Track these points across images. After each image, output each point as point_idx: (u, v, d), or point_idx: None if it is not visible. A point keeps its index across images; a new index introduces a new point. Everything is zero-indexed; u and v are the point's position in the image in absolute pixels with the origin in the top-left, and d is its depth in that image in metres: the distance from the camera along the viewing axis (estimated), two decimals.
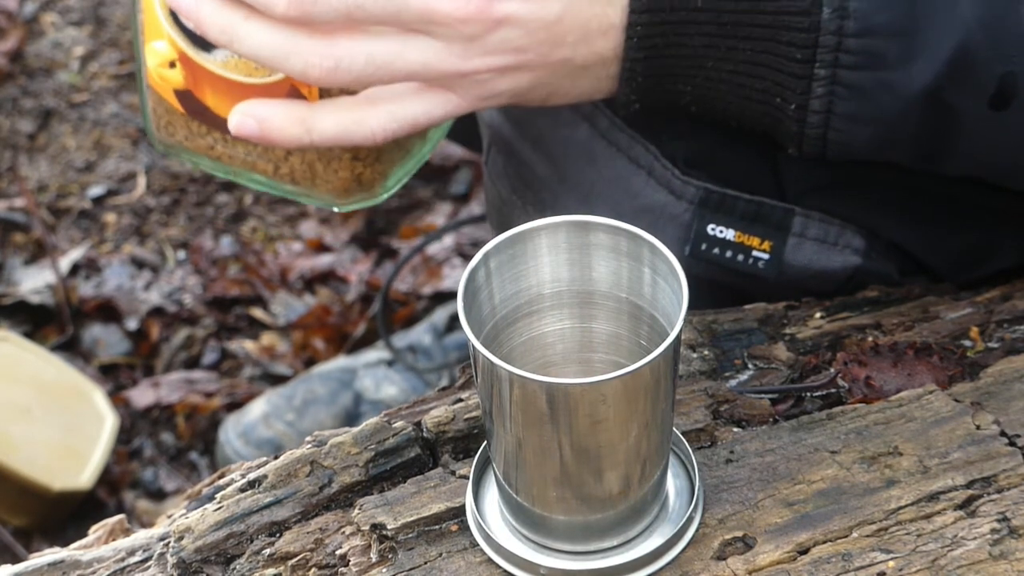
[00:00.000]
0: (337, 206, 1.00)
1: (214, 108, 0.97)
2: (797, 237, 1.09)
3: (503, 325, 0.89)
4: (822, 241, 1.09)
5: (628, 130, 1.09)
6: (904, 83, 0.96)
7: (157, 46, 0.97)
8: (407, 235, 2.08)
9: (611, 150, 1.10)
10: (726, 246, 1.08)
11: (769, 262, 1.09)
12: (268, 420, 1.77)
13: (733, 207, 1.08)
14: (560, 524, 0.89)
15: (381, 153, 0.99)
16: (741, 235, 1.08)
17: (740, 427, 0.98)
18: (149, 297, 2.01)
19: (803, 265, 1.09)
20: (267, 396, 1.81)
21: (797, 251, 1.09)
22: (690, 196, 1.08)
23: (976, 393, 0.99)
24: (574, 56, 0.96)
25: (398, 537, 0.92)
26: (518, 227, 0.87)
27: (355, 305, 2.00)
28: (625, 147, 1.10)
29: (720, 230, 1.08)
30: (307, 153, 0.98)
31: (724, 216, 1.08)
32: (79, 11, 2.41)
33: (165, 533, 0.97)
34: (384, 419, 0.99)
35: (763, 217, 1.08)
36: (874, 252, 1.10)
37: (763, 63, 0.97)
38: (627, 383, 0.81)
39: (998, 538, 0.89)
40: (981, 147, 1.01)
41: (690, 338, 1.04)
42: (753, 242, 1.08)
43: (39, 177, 2.17)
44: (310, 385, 1.81)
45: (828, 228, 1.09)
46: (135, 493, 1.82)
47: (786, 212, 1.08)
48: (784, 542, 0.90)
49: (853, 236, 1.10)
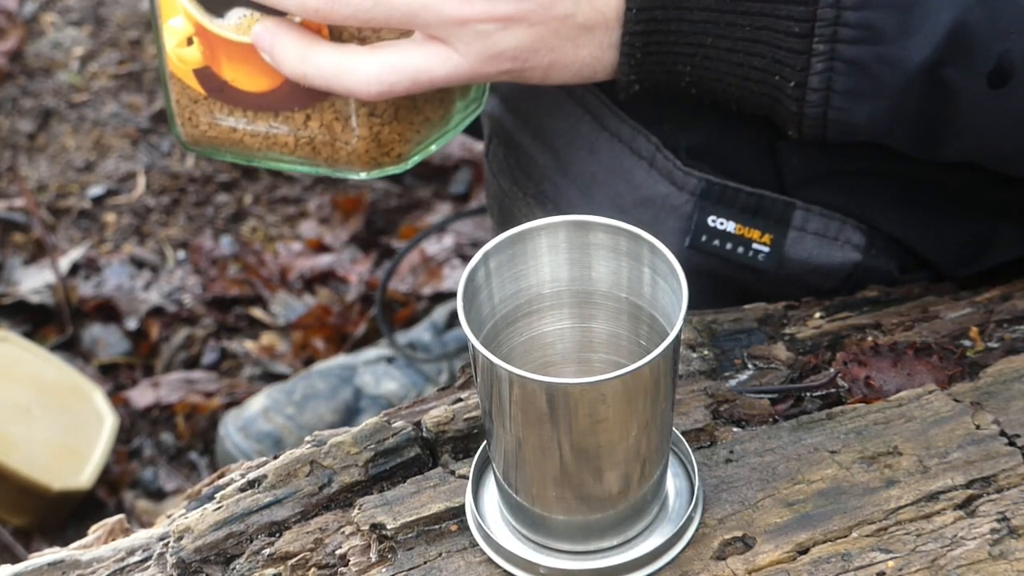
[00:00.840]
0: (363, 173, 1.02)
1: (232, 81, 1.00)
2: (798, 231, 1.09)
3: (503, 325, 0.89)
4: (822, 235, 1.09)
5: (630, 121, 1.09)
6: (902, 58, 0.96)
7: (174, 24, 1.00)
8: (407, 235, 2.08)
9: (613, 141, 1.10)
10: (726, 238, 1.08)
11: (769, 255, 1.09)
12: (268, 414, 1.77)
13: (734, 199, 1.08)
14: (560, 524, 0.89)
15: (398, 111, 1.00)
16: (742, 227, 1.08)
17: (740, 427, 0.98)
18: (149, 297, 2.01)
19: (803, 259, 1.09)
20: (267, 391, 1.81)
21: (797, 245, 1.09)
22: (691, 187, 1.08)
23: (976, 393, 0.99)
24: (576, 12, 0.96)
25: (398, 537, 0.92)
26: (518, 227, 0.87)
27: (355, 305, 2.00)
28: (627, 138, 1.10)
29: (721, 222, 1.08)
30: (324, 113, 0.99)
31: (725, 208, 1.08)
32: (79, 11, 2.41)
33: (165, 533, 0.97)
34: (384, 419, 0.99)
35: (764, 210, 1.08)
36: (874, 248, 1.10)
37: (762, 39, 0.97)
38: (627, 383, 0.81)
39: (998, 538, 0.89)
40: (979, 128, 1.01)
41: (690, 338, 1.04)
42: (754, 235, 1.09)
43: (39, 177, 2.17)
44: (310, 381, 1.81)
45: (829, 223, 1.09)
46: (135, 493, 1.82)
47: (787, 206, 1.08)
48: (784, 542, 0.90)
49: (853, 232, 1.10)
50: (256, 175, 2.18)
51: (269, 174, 2.19)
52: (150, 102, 2.28)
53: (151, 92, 2.29)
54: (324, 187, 2.16)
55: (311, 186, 2.17)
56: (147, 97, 2.29)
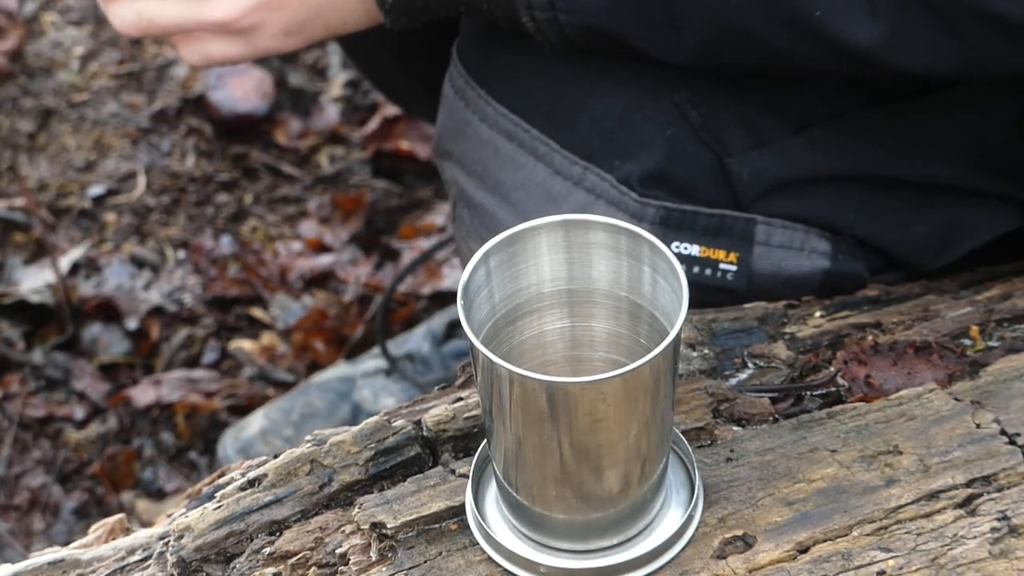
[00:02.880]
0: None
1: None
2: (762, 246, 1.09)
3: (503, 324, 0.89)
4: (788, 247, 1.10)
5: (580, 161, 1.10)
6: None
7: None
8: (407, 235, 2.08)
9: (567, 184, 1.11)
10: (692, 262, 1.09)
11: (737, 273, 1.09)
12: (266, 437, 1.77)
13: (694, 223, 1.08)
14: (560, 523, 0.88)
15: None
16: (706, 250, 1.09)
17: (740, 426, 0.98)
18: (149, 297, 2.01)
19: (772, 273, 1.09)
20: (265, 410, 1.80)
21: (764, 260, 1.09)
22: (651, 216, 1.08)
23: (976, 392, 0.99)
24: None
25: (398, 536, 0.92)
26: (517, 226, 0.87)
27: (353, 306, 2.00)
28: (580, 179, 1.10)
29: (685, 247, 1.09)
30: None
31: (687, 233, 1.08)
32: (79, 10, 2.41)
33: (165, 532, 0.97)
34: (384, 418, 0.99)
35: (726, 229, 1.08)
36: (840, 253, 1.11)
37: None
38: (627, 382, 0.81)
39: (998, 536, 0.89)
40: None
41: (690, 337, 1.04)
42: (719, 255, 1.09)
43: (39, 176, 2.17)
44: (308, 398, 1.80)
45: (792, 234, 1.10)
46: (135, 492, 1.82)
47: (748, 222, 1.09)
48: (784, 541, 0.90)
49: (818, 240, 1.10)
50: (256, 175, 2.18)
51: (269, 174, 2.18)
52: (150, 102, 2.28)
53: (151, 92, 2.29)
54: (324, 187, 2.16)
55: (311, 186, 2.17)
56: (147, 97, 2.29)
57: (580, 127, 1.10)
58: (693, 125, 1.08)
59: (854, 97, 1.10)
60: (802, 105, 1.10)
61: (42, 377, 1.91)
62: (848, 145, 1.10)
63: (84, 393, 1.89)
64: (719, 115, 1.09)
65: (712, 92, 1.09)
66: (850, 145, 1.10)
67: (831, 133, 1.10)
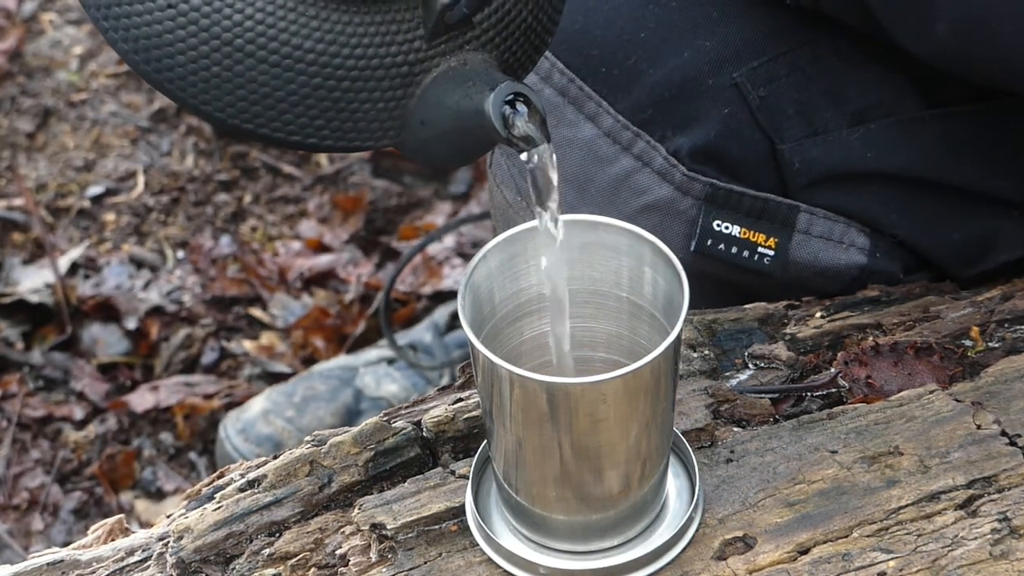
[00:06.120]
0: None
1: None
2: (802, 234, 1.09)
3: (503, 324, 0.89)
4: (827, 239, 1.09)
5: (632, 127, 1.10)
6: None
7: None
8: (407, 235, 2.08)
9: (615, 148, 1.10)
10: (732, 242, 1.08)
11: (774, 258, 1.09)
12: (268, 417, 1.77)
13: (739, 203, 1.08)
14: (560, 524, 0.88)
15: None
16: (747, 231, 1.08)
17: (740, 427, 0.97)
18: (148, 296, 2.01)
19: (808, 262, 1.09)
20: (267, 393, 1.81)
21: (802, 248, 1.09)
22: (696, 192, 1.08)
23: (977, 393, 0.99)
24: None
25: (398, 537, 0.92)
26: (518, 226, 0.87)
27: (354, 305, 2.00)
28: (629, 144, 1.10)
29: (726, 226, 1.09)
30: None
31: (730, 212, 1.08)
32: (78, 10, 2.41)
33: (164, 533, 0.97)
34: (384, 419, 0.99)
35: (769, 213, 1.08)
36: (879, 251, 1.11)
37: None
38: (627, 382, 0.81)
39: (999, 538, 0.89)
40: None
41: (690, 337, 1.04)
42: (759, 238, 1.09)
43: (38, 176, 2.17)
44: (311, 382, 1.80)
45: (833, 226, 1.09)
46: (134, 493, 1.82)
47: (791, 209, 1.08)
48: (784, 542, 0.90)
49: (858, 235, 1.10)
50: (256, 174, 2.18)
51: (269, 173, 2.18)
52: (150, 101, 2.28)
53: (151, 91, 2.29)
54: (324, 186, 2.16)
55: (311, 185, 2.17)
56: (147, 96, 2.28)
57: (637, 93, 1.10)
58: (751, 107, 1.08)
59: (915, 97, 1.10)
60: (862, 99, 1.09)
61: (41, 377, 1.91)
62: (903, 144, 1.09)
63: (83, 393, 1.89)
64: (778, 100, 1.09)
65: (774, 76, 1.09)
66: (904, 144, 1.09)
67: (887, 130, 1.09)
